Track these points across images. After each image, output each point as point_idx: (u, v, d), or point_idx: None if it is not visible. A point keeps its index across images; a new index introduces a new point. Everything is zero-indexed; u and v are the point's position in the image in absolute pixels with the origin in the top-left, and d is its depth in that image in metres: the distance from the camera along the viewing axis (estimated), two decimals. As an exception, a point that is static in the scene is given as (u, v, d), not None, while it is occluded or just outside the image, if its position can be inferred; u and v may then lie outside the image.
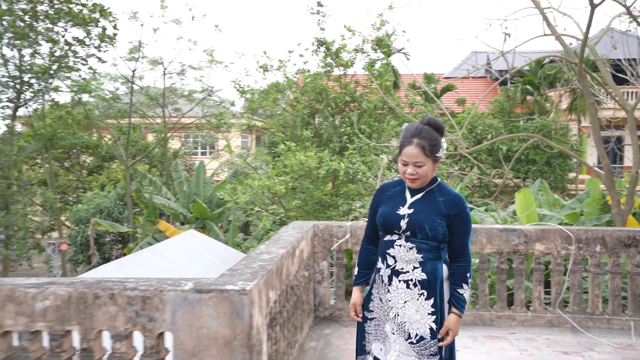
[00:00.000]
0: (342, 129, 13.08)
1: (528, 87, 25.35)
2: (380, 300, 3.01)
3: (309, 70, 13.49)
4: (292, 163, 11.26)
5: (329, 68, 13.39)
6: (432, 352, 2.87)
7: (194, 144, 30.82)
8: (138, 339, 3.11)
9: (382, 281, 2.99)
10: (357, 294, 3.14)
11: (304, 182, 11.73)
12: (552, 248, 5.44)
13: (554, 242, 5.43)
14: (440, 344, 2.87)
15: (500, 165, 19.50)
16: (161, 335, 3.07)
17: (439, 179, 3.02)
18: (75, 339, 3.18)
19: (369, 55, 13.91)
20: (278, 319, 3.83)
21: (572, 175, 23.80)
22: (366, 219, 3.37)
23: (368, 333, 3.08)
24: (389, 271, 2.95)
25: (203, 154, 33.15)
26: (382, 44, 13.40)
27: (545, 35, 7.64)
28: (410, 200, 2.97)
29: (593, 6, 6.49)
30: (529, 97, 25.92)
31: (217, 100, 21.26)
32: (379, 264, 3.03)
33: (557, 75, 23.41)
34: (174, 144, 27.96)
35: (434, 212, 2.89)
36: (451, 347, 2.97)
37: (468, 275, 2.91)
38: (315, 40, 13.41)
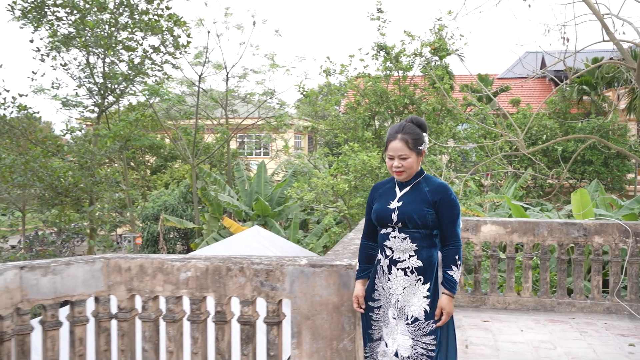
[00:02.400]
0: (402, 131, 13.60)
1: (585, 87, 25.16)
2: (383, 288, 3.26)
3: (369, 74, 14.10)
4: (355, 162, 11.88)
5: (388, 72, 13.95)
6: (425, 333, 3.09)
7: (254, 144, 31.89)
8: (261, 305, 3.80)
9: (383, 271, 3.25)
10: (359, 287, 3.37)
11: (366, 180, 12.35)
12: (610, 241, 5.88)
13: (612, 236, 5.87)
14: (437, 324, 3.08)
15: (555, 165, 19.57)
16: (280, 301, 3.74)
17: (425, 172, 3.28)
18: (210, 304, 3.89)
19: (427, 59, 14.41)
20: (368, 294, 4.47)
21: (630, 176, 23.55)
22: None
23: (376, 321, 3.31)
24: (387, 261, 3.21)
25: (257, 154, 34.25)
26: (441, 48, 13.86)
27: (604, 41, 7.99)
28: (399, 194, 3.23)
29: (651, 14, 6.85)
30: (585, 98, 25.72)
31: (278, 102, 22.16)
32: (379, 256, 3.29)
33: (616, 75, 23.19)
34: (231, 144, 29.04)
35: (421, 202, 3.13)
36: (447, 329, 3.17)
37: (457, 257, 3.10)
38: (375, 45, 13.99)
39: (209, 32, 19.09)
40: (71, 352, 3.81)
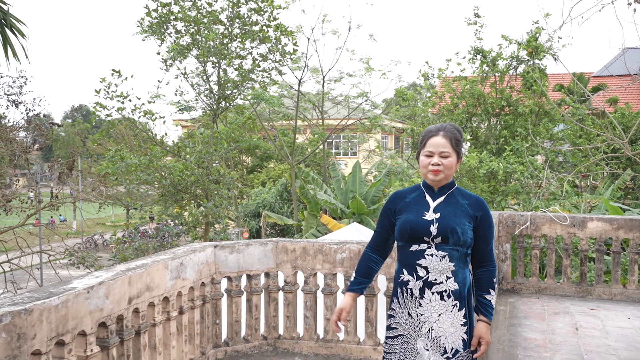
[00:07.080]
0: (499, 132, 14.01)
1: (689, 84, 24.20)
2: (409, 315, 2.82)
3: (465, 77, 14.57)
4: (454, 163, 12.43)
5: (485, 75, 14.37)
6: None
7: (343, 144, 32.91)
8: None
9: (412, 295, 2.81)
10: (348, 300, 2.97)
11: (463, 179, 12.87)
12: None
13: None
14: (476, 355, 2.81)
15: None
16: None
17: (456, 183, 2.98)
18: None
19: (523, 61, 14.68)
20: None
21: None
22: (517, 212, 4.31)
23: (391, 353, 2.87)
24: (420, 283, 2.78)
25: (344, 154, 35.25)
26: (538, 51, 14.11)
27: None
28: (433, 204, 2.85)
29: None
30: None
31: (371, 104, 22.99)
32: (406, 277, 2.83)
33: None
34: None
35: (462, 215, 2.79)
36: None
37: (495, 280, 2.84)
38: (472, 49, 14.45)
39: (308, 39, 20.21)
40: (248, 316, 4.74)
